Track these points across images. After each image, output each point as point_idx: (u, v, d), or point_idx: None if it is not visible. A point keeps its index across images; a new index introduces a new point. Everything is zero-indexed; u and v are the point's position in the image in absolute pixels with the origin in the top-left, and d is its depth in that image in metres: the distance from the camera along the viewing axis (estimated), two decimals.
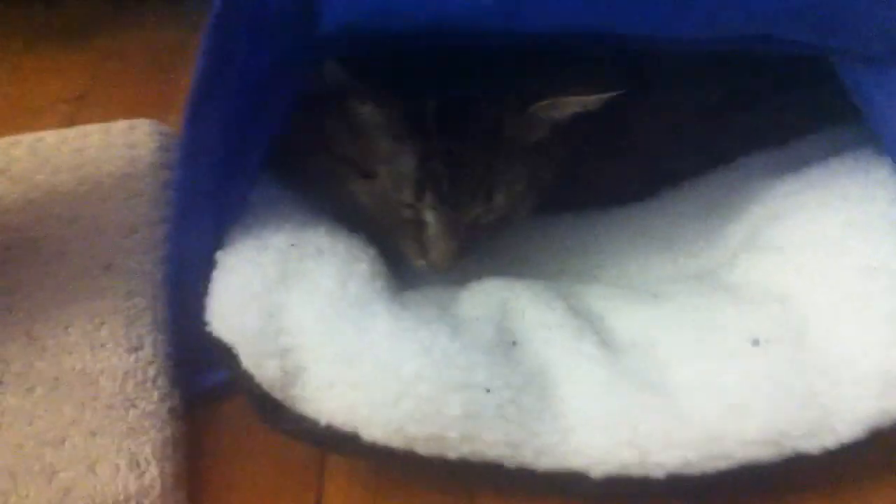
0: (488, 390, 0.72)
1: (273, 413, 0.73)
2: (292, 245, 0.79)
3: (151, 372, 0.82)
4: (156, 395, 0.80)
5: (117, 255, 0.94)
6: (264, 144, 0.80)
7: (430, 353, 0.72)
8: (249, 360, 0.73)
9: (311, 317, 0.74)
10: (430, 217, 0.81)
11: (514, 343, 0.78)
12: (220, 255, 0.78)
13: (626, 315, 0.81)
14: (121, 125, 1.16)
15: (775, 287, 0.78)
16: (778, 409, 0.69)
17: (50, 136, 1.13)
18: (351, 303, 0.76)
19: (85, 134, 1.15)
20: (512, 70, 0.81)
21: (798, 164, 0.90)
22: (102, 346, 0.84)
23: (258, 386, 0.73)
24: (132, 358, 0.83)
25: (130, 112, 1.26)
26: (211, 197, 0.77)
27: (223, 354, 0.74)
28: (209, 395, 0.83)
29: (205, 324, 0.75)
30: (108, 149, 1.10)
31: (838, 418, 0.69)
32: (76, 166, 1.08)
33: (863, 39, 0.74)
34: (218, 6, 0.69)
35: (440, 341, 0.74)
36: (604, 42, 0.77)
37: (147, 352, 0.84)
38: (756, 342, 0.73)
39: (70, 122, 1.33)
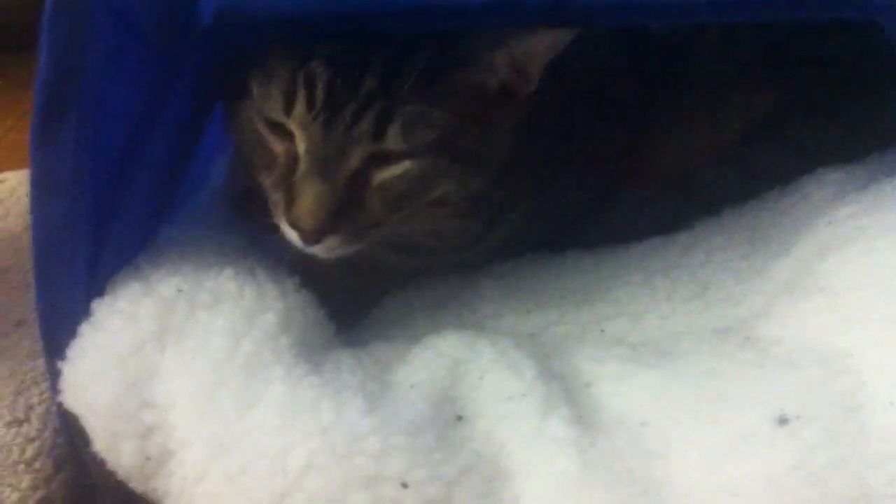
0: (405, 485, 0.53)
1: None
2: (180, 291, 0.62)
3: (30, 451, 0.67)
4: (26, 480, 0.64)
5: (34, 311, 0.79)
6: (157, 170, 0.65)
7: (329, 433, 0.54)
8: (102, 440, 0.57)
9: (188, 385, 0.58)
10: (300, 142, 0.62)
11: (459, 418, 0.58)
12: (96, 306, 0.62)
13: (616, 382, 0.60)
14: None
15: (818, 343, 0.56)
16: None
17: (11, 178, 1.01)
18: (241, 366, 0.58)
19: None
20: None
21: (864, 182, 0.68)
22: None
23: (111, 475, 0.56)
24: (11, 433, 0.67)
25: None
26: (81, 235, 0.61)
27: (74, 433, 0.57)
28: None
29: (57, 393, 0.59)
30: None
31: None
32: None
33: None
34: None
35: (347, 417, 0.55)
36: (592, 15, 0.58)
37: (32, 426, 0.69)
38: (784, 420, 0.51)
39: None
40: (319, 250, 0.65)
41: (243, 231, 0.73)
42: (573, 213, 0.76)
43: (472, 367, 0.62)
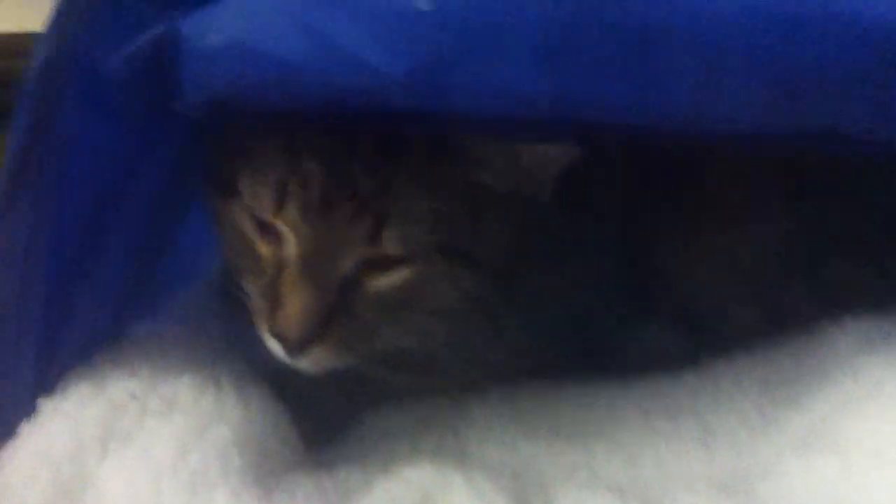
0: None
1: None
2: (133, 396, 0.57)
3: None
4: None
5: None
6: (123, 263, 0.61)
7: None
8: None
9: (124, 499, 0.52)
10: (290, 244, 0.57)
11: None
12: (42, 403, 0.57)
13: None
14: None
15: None
16: None
17: None
18: (184, 482, 0.53)
19: None
20: None
21: (890, 334, 0.62)
22: None
23: None
24: None
25: None
26: (30, 319, 0.57)
27: None
28: None
29: None
30: None
31: None
32: None
33: None
34: (36, 71, 0.52)
35: None
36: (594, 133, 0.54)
37: None
38: None
39: None
40: (306, 364, 0.60)
41: (220, 332, 0.69)
42: (574, 335, 0.71)
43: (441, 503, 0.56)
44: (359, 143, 0.57)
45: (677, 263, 0.71)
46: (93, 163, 0.57)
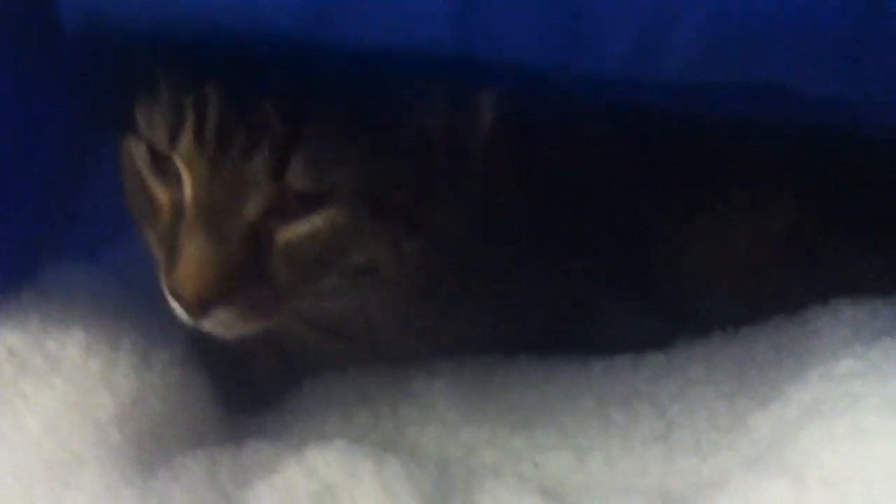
0: None
1: None
2: (12, 352, 0.51)
3: None
4: None
5: None
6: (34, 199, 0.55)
7: None
8: None
9: None
10: (187, 184, 0.50)
11: None
12: None
13: None
14: None
15: None
16: None
17: None
18: (47, 459, 0.47)
19: None
20: None
21: (879, 331, 0.55)
22: None
23: None
24: None
25: None
26: None
27: None
28: None
29: None
30: None
31: None
32: None
33: None
34: None
35: None
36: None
37: None
38: None
39: None
40: (209, 326, 0.52)
41: (143, 284, 0.62)
42: (535, 318, 0.63)
43: (342, 498, 0.50)
44: (271, 73, 0.49)
45: (663, 240, 0.63)
46: None
